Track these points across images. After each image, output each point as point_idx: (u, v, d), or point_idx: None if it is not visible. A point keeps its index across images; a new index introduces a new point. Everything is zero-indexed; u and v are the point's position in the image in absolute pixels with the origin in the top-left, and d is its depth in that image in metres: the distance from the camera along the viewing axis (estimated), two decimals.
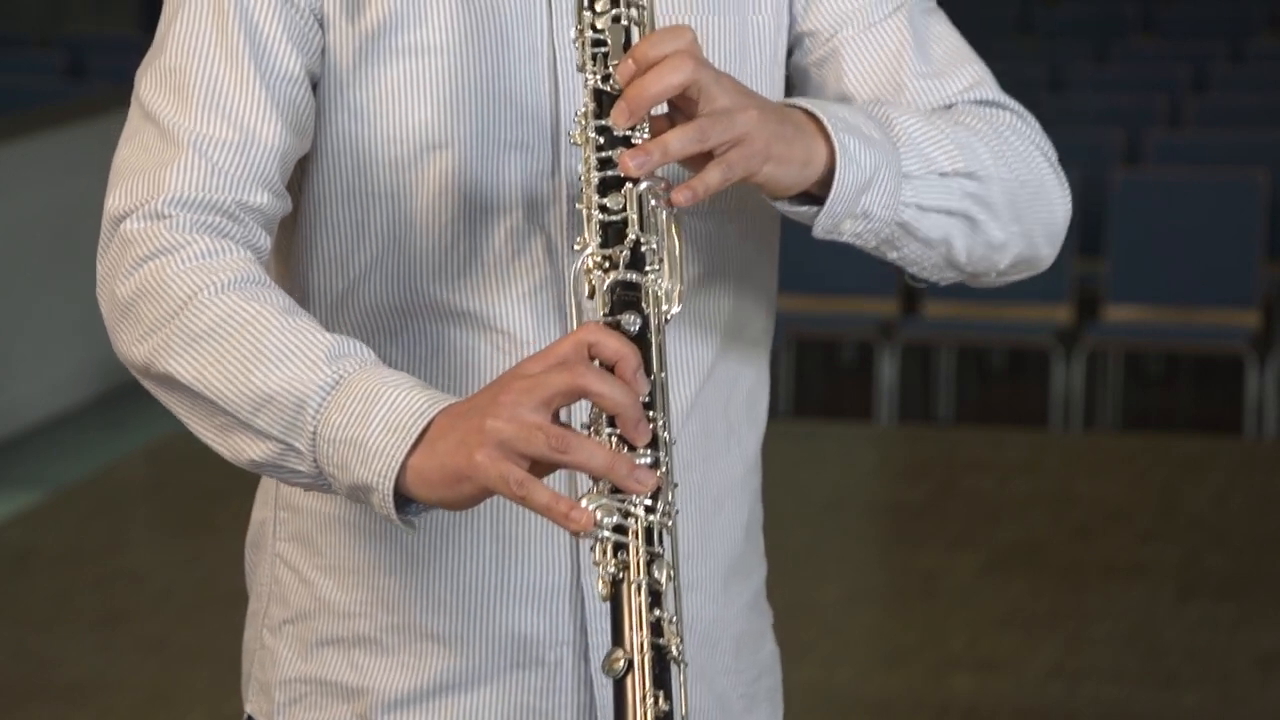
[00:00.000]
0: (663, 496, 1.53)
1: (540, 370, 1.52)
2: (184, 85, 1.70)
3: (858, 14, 1.80)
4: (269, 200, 1.70)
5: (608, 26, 1.60)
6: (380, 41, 1.72)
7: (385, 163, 1.74)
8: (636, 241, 1.57)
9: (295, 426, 1.59)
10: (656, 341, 1.56)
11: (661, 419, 1.55)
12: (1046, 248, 1.83)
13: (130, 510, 6.64)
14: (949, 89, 1.81)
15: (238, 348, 1.61)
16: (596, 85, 1.59)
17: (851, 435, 7.33)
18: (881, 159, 1.68)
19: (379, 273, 1.76)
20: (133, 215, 1.67)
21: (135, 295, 1.65)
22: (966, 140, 1.75)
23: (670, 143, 1.57)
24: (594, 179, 1.58)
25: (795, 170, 1.64)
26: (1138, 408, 7.58)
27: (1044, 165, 1.81)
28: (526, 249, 1.74)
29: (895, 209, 1.70)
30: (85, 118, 7.88)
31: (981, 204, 1.75)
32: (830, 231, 1.70)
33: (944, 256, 1.76)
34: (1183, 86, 8.57)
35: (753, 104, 1.61)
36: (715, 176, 1.58)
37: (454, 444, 1.52)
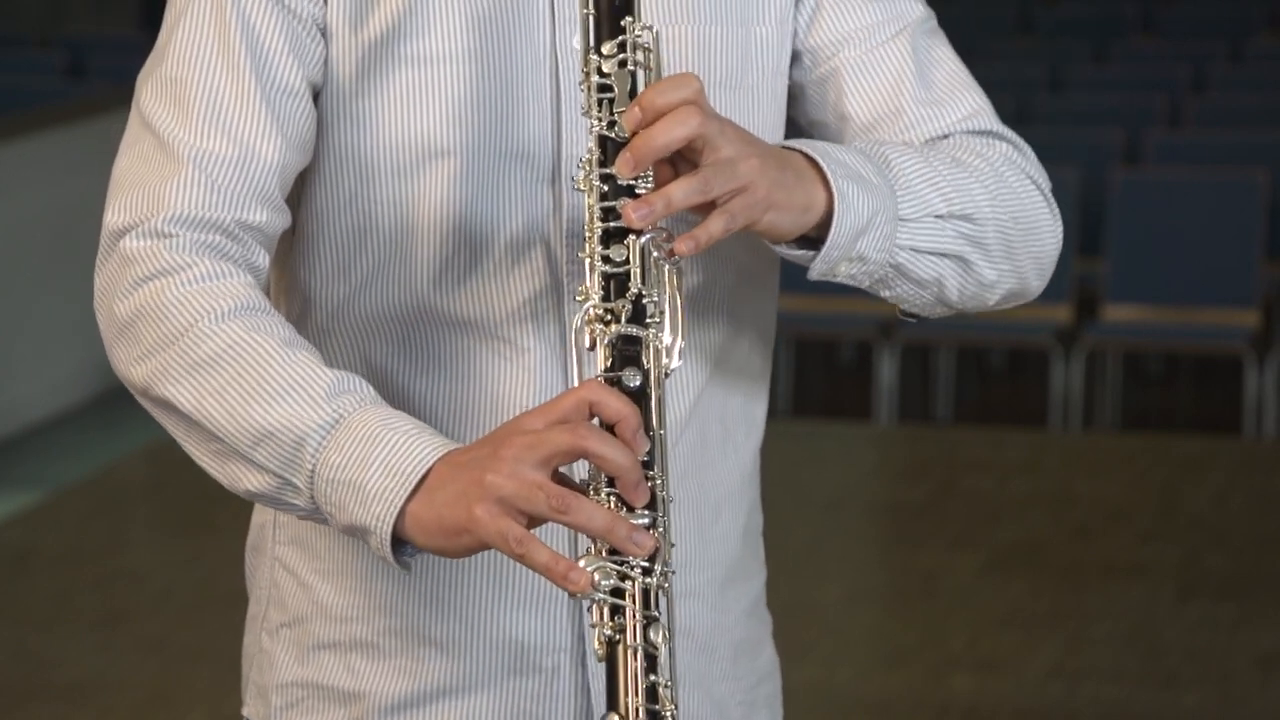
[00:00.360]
0: (660, 558, 1.54)
1: (542, 427, 1.53)
2: (184, 97, 1.69)
3: (860, 34, 1.80)
4: (268, 217, 1.69)
5: (614, 72, 1.59)
6: (383, 51, 1.72)
7: (387, 171, 1.74)
8: (639, 295, 1.57)
9: (294, 463, 1.59)
10: (656, 396, 1.57)
11: (660, 478, 1.56)
12: (1036, 280, 1.85)
13: (130, 510, 6.64)
14: (948, 118, 1.81)
15: (238, 380, 1.61)
16: (601, 132, 1.59)
17: (851, 435, 7.33)
18: (879, 204, 1.69)
19: (379, 280, 1.76)
20: (132, 232, 1.66)
21: (134, 315, 1.65)
22: (963, 182, 1.75)
23: (674, 194, 1.57)
24: (597, 229, 1.58)
25: (795, 216, 1.65)
26: (1137, 408, 7.58)
27: (1038, 199, 1.82)
28: (526, 257, 1.74)
29: (890, 252, 1.71)
30: (85, 118, 7.88)
31: (975, 244, 1.76)
32: (825, 274, 1.71)
33: (935, 295, 1.78)
34: (1182, 86, 8.57)
35: (755, 153, 1.61)
36: (718, 226, 1.59)
37: (453, 495, 1.53)
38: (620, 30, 1.59)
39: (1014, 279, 1.81)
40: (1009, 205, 1.79)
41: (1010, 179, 1.80)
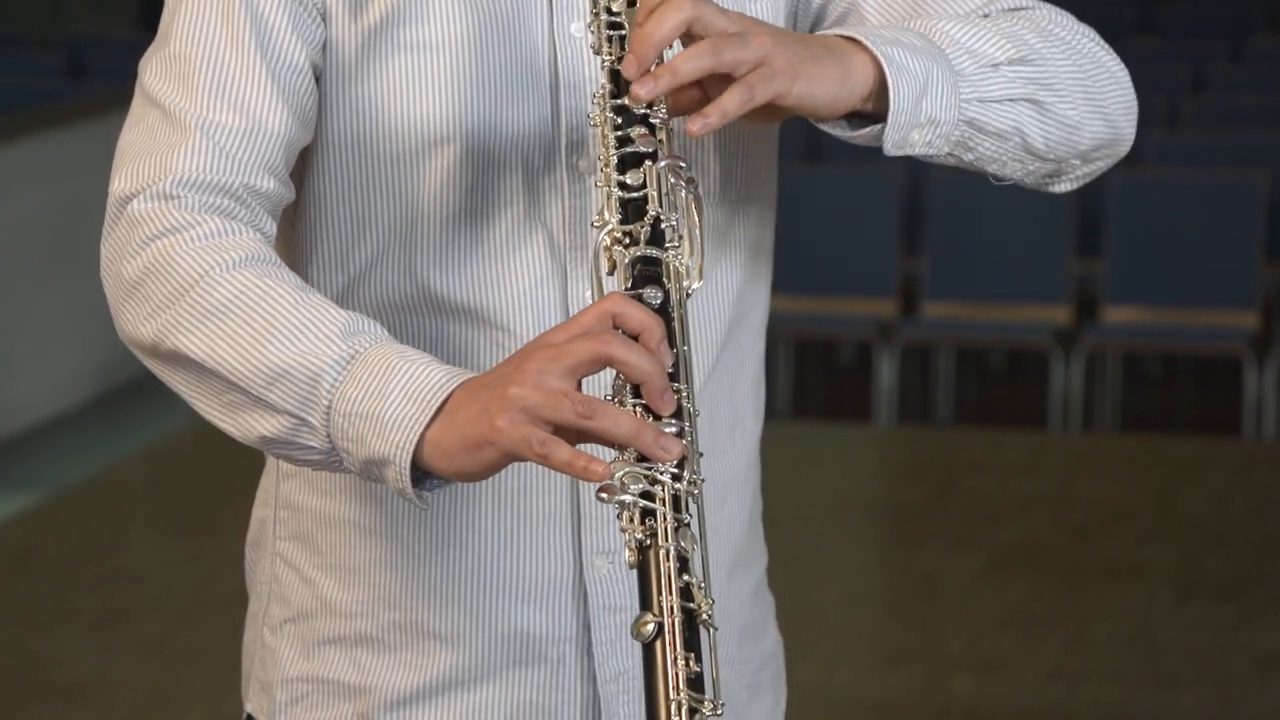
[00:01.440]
0: (689, 465, 1.53)
1: (565, 339, 1.52)
2: (190, 73, 1.70)
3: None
4: (275, 186, 1.70)
5: (623, 10, 1.60)
6: (383, 37, 1.73)
7: (388, 158, 1.74)
8: (656, 218, 1.57)
9: (309, 401, 1.58)
10: (678, 315, 1.56)
11: (685, 390, 1.54)
12: (1126, 125, 1.81)
13: (130, 511, 6.64)
14: (973, 2, 1.78)
15: (251, 323, 1.60)
16: (613, 66, 1.59)
17: (851, 436, 7.33)
18: (931, 63, 1.66)
19: (379, 268, 1.76)
20: (140, 195, 1.66)
21: (143, 273, 1.64)
22: (1011, 29, 1.73)
23: (680, 64, 1.56)
24: (613, 157, 1.57)
25: (833, 87, 1.62)
26: (1137, 409, 7.58)
27: (1095, 47, 1.79)
28: (527, 243, 1.74)
29: (958, 108, 1.68)
30: (85, 118, 7.88)
31: (1044, 86, 1.73)
32: (901, 145, 1.67)
33: (1021, 146, 1.74)
34: (1182, 87, 8.57)
35: (766, 30, 1.60)
36: (734, 99, 1.57)
37: (475, 413, 1.52)
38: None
39: (1100, 120, 1.77)
40: (1066, 52, 1.75)
41: (1060, 33, 1.77)
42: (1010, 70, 1.71)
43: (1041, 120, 1.73)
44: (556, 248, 1.74)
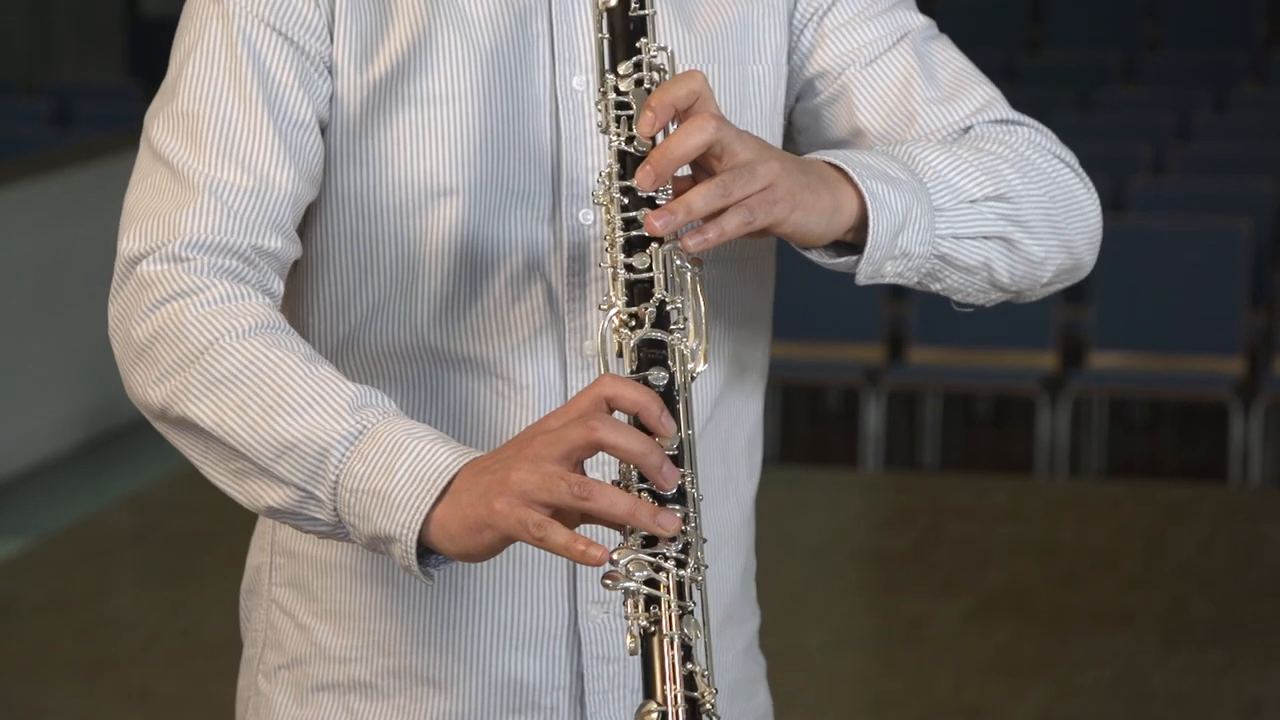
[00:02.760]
0: (693, 551, 1.54)
1: (560, 424, 1.53)
2: (197, 130, 1.70)
3: (862, 50, 1.82)
4: (283, 245, 1.70)
5: (631, 89, 1.61)
6: (389, 90, 1.73)
7: (391, 209, 1.74)
8: (662, 301, 1.58)
9: (317, 475, 1.59)
10: (683, 399, 1.57)
11: (690, 475, 1.56)
12: (1087, 254, 1.84)
13: (114, 558, 6.62)
14: (961, 111, 1.82)
15: (261, 394, 1.61)
16: (621, 147, 1.60)
17: (838, 481, 7.33)
18: (912, 198, 1.69)
19: (380, 318, 1.77)
20: (149, 257, 1.67)
21: (153, 337, 1.65)
22: (990, 164, 1.76)
23: (693, 201, 1.58)
24: (619, 239, 1.59)
25: (823, 218, 1.65)
26: (1123, 454, 7.59)
27: (1068, 175, 1.82)
28: (526, 295, 1.75)
29: (932, 243, 1.72)
30: (71, 166, 7.89)
31: (1016, 223, 1.76)
32: (873, 276, 1.71)
33: (986, 280, 1.77)
34: (1166, 135, 8.60)
35: (774, 156, 1.62)
36: (734, 220, 1.59)
37: (476, 495, 1.53)
38: (636, 51, 1.61)
39: (1063, 253, 1.81)
40: (1041, 184, 1.79)
41: (1037, 160, 1.80)
42: (986, 207, 1.75)
43: (1010, 257, 1.77)
44: (555, 299, 1.75)
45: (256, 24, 1.71)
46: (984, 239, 1.75)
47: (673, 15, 1.78)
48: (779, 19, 1.82)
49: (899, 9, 1.84)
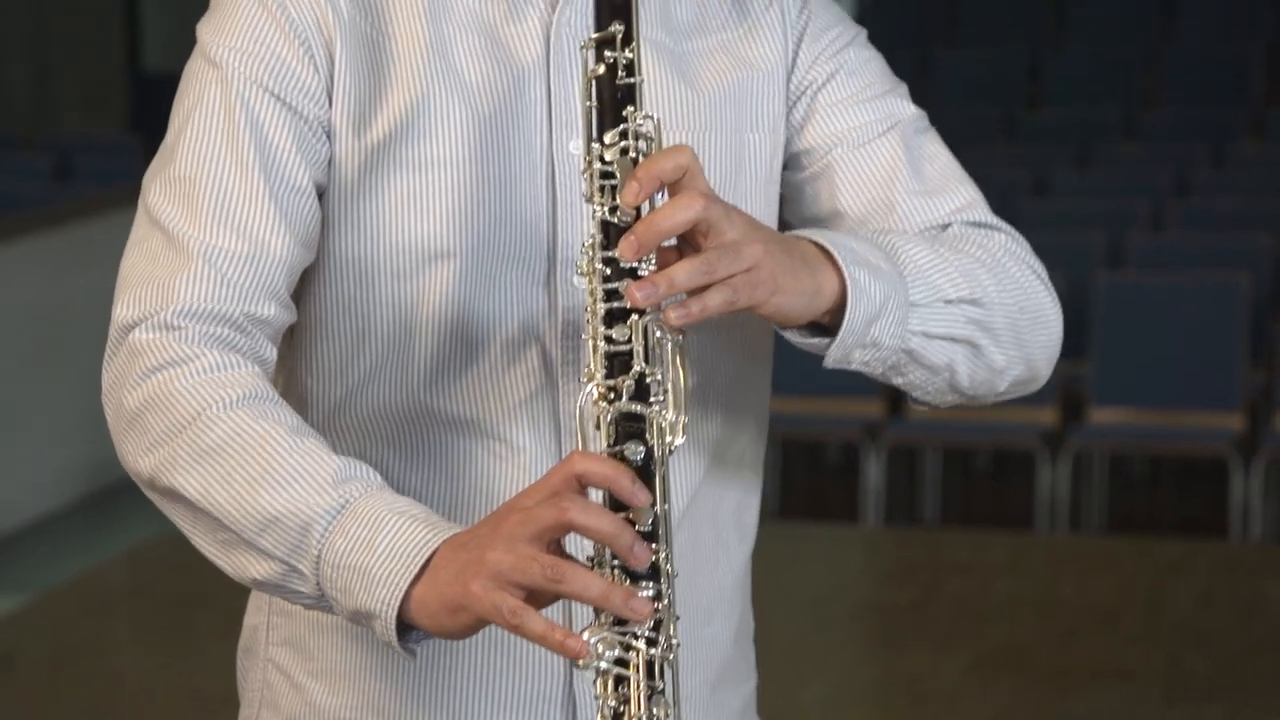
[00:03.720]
0: (664, 630, 1.54)
1: (534, 503, 1.53)
2: (193, 195, 1.70)
3: (852, 132, 1.82)
4: (276, 312, 1.71)
5: (616, 159, 1.60)
6: (386, 154, 1.74)
7: (388, 273, 1.75)
8: (641, 373, 1.58)
9: (300, 549, 1.59)
10: (660, 473, 1.57)
11: (664, 551, 1.55)
12: (1045, 367, 1.86)
13: (113, 613, 6.61)
14: (942, 209, 1.83)
15: (245, 466, 1.61)
16: (604, 217, 1.60)
17: (837, 537, 7.32)
18: (890, 290, 1.70)
19: (377, 381, 1.77)
20: (142, 325, 1.67)
21: (143, 406, 1.65)
22: (969, 267, 1.77)
23: (677, 275, 1.58)
24: (600, 310, 1.59)
25: (804, 301, 1.66)
26: (1123, 510, 7.58)
27: (1039, 288, 1.83)
28: (522, 358, 1.75)
29: (903, 337, 1.72)
30: (71, 221, 7.90)
31: (984, 330, 1.77)
32: (840, 361, 1.72)
33: (947, 382, 1.78)
34: (1165, 191, 8.62)
35: (760, 237, 1.62)
36: (716, 299, 1.59)
37: (454, 574, 1.53)
38: (622, 119, 1.61)
39: (1022, 365, 1.82)
40: (1013, 293, 1.80)
41: (1011, 268, 1.81)
42: (959, 309, 1.76)
43: (973, 362, 1.78)
44: (550, 362, 1.75)
45: (255, 89, 1.72)
46: (952, 340, 1.75)
47: (674, 78, 1.79)
48: (777, 88, 1.82)
49: (892, 96, 1.84)
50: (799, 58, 1.83)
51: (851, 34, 1.86)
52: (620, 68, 1.61)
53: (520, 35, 1.76)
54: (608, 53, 1.61)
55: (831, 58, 1.84)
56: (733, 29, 1.83)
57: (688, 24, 1.82)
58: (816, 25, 1.84)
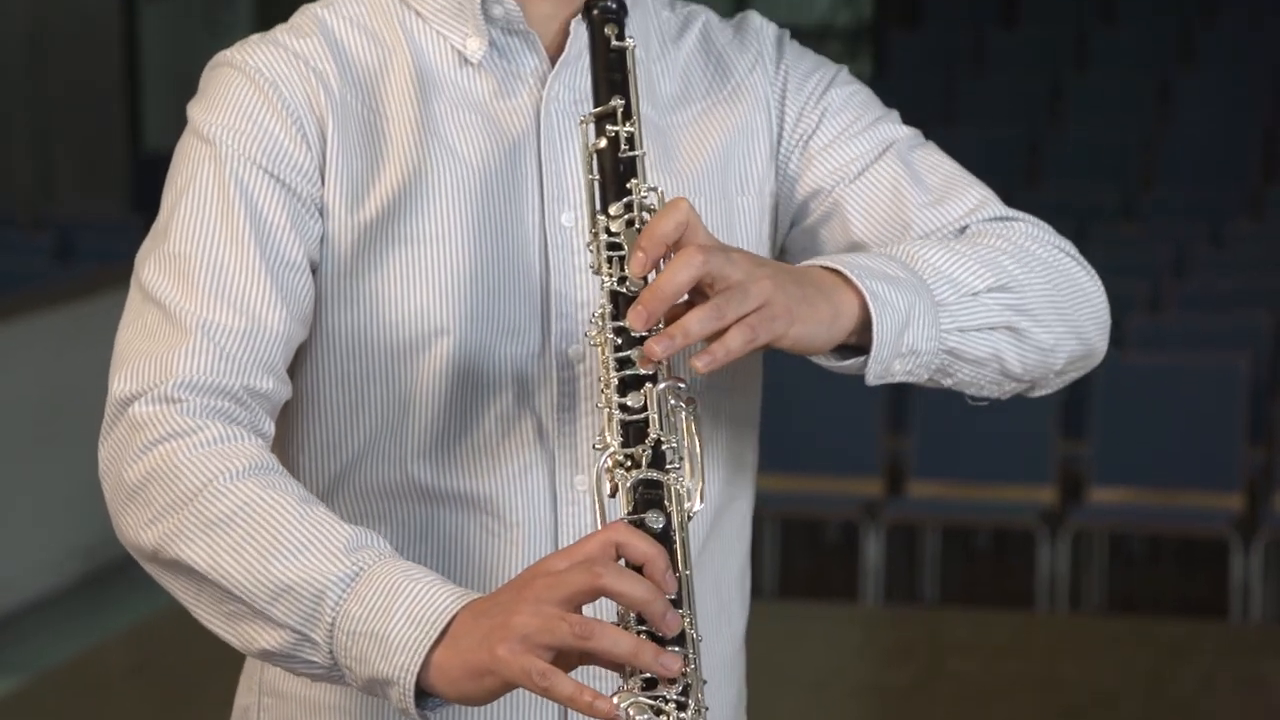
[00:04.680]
0: (694, 694, 1.54)
1: (565, 567, 1.53)
2: (189, 271, 1.71)
3: (849, 165, 1.84)
4: (274, 386, 1.71)
5: (622, 230, 1.62)
6: (380, 231, 1.75)
7: (382, 349, 1.75)
8: (658, 440, 1.59)
9: (313, 617, 1.59)
10: (680, 539, 1.58)
11: (689, 616, 1.56)
12: (1099, 339, 1.85)
13: (113, 693, 6.58)
14: (955, 212, 1.83)
15: (255, 536, 1.61)
16: (613, 288, 1.61)
17: (837, 616, 7.30)
18: (913, 295, 1.70)
19: (371, 456, 1.77)
20: (141, 398, 1.67)
21: (145, 479, 1.65)
22: (989, 257, 1.77)
23: (690, 325, 1.59)
24: (613, 379, 1.59)
25: (824, 328, 1.66)
26: (1123, 590, 7.56)
27: (1069, 263, 1.83)
28: (516, 430, 1.76)
29: (939, 338, 1.72)
30: (73, 300, 7.91)
31: (1021, 313, 1.77)
32: (883, 376, 1.72)
33: (998, 372, 1.77)
34: (1163, 270, 8.64)
35: (767, 273, 1.63)
36: (737, 340, 1.60)
37: (477, 640, 1.53)
38: (626, 192, 1.62)
39: (1074, 340, 1.81)
40: (1043, 273, 1.80)
41: (1037, 250, 1.81)
42: (989, 298, 1.75)
43: (1019, 346, 1.77)
44: (545, 434, 1.76)
45: (249, 166, 1.73)
46: (990, 330, 1.75)
47: (661, 150, 1.80)
48: (762, 148, 1.84)
49: (883, 123, 1.86)
50: (785, 113, 1.85)
51: (831, 74, 1.88)
52: (623, 141, 1.63)
53: (511, 110, 1.78)
54: (609, 127, 1.63)
55: (816, 103, 1.85)
56: (716, 95, 1.85)
57: (672, 96, 1.84)
58: (796, 76, 1.87)
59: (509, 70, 1.80)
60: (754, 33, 1.89)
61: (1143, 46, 11.39)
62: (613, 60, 1.67)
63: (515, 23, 1.80)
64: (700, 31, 1.88)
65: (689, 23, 1.89)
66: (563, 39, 1.80)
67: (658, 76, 1.84)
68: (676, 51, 1.86)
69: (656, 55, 1.85)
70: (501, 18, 1.80)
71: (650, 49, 1.85)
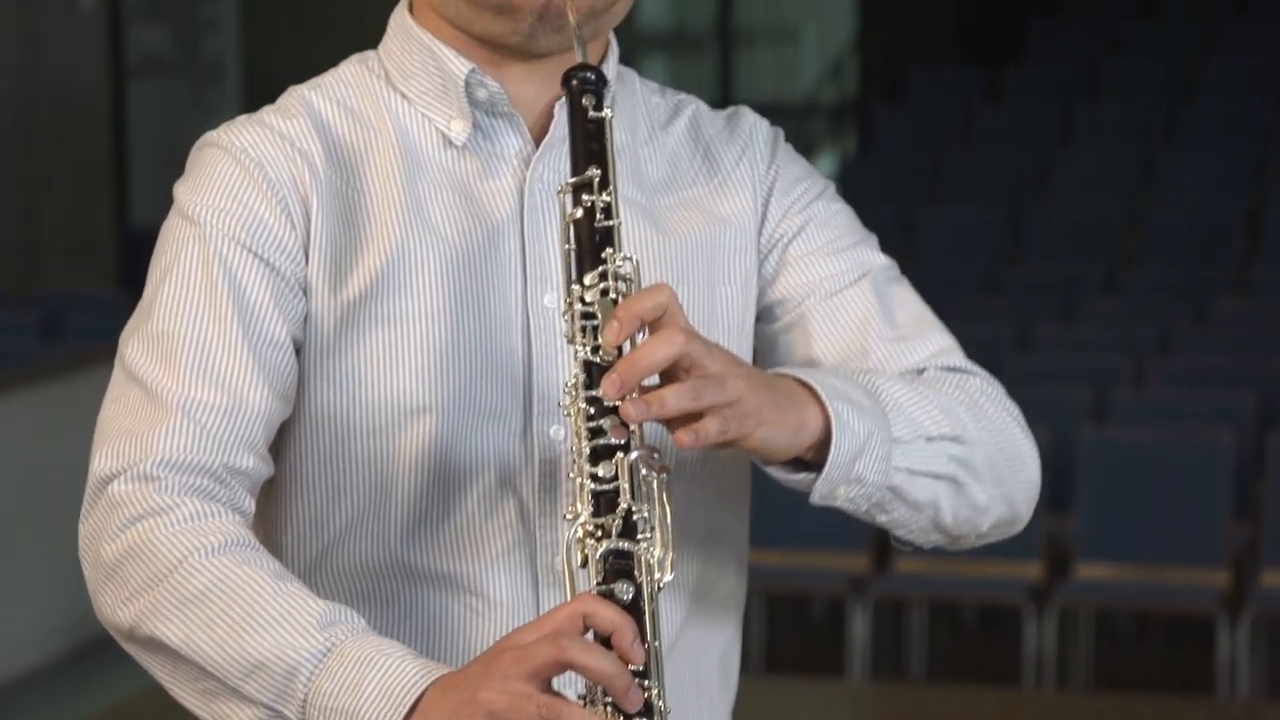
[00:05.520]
0: None
1: (531, 640, 1.53)
2: (172, 350, 1.72)
3: (824, 282, 1.85)
4: (255, 464, 1.71)
5: (596, 299, 1.63)
6: (362, 310, 1.76)
7: (365, 429, 1.76)
8: (628, 510, 1.59)
9: (286, 694, 1.59)
10: (649, 610, 1.58)
11: (656, 688, 1.56)
12: (1025, 509, 1.87)
13: None
14: (917, 354, 1.85)
15: (229, 612, 1.61)
16: (586, 357, 1.62)
17: (824, 692, 7.27)
18: (873, 425, 1.71)
19: (353, 535, 1.77)
20: (121, 477, 1.68)
21: (123, 556, 1.65)
22: (949, 405, 1.79)
23: (667, 397, 1.60)
24: (585, 449, 1.60)
25: (788, 435, 1.67)
26: (1110, 666, 7.55)
27: (1016, 430, 1.85)
28: (499, 511, 1.76)
29: (887, 473, 1.73)
30: (59, 378, 7.91)
31: (966, 467, 1.79)
32: (826, 498, 1.73)
33: (931, 519, 1.79)
34: (1147, 347, 8.66)
35: (742, 372, 1.65)
36: (713, 426, 1.61)
37: (446, 715, 1.53)
38: (601, 261, 1.63)
39: (1004, 504, 1.83)
40: (992, 433, 1.82)
41: (989, 409, 1.83)
42: (940, 446, 1.77)
43: (956, 499, 1.80)
44: (527, 515, 1.76)
45: (233, 245, 1.74)
46: (935, 477, 1.77)
47: (648, 233, 1.81)
48: (748, 242, 1.85)
49: (862, 247, 1.87)
50: (769, 212, 1.87)
51: (820, 187, 1.90)
52: (598, 211, 1.64)
53: (494, 191, 1.79)
54: (585, 196, 1.64)
55: (801, 210, 1.87)
56: (703, 184, 1.86)
57: (659, 181, 1.85)
58: (785, 179, 1.88)
59: (493, 152, 1.81)
60: (746, 128, 1.90)
61: (1127, 124, 11.45)
62: (590, 131, 1.68)
63: (499, 105, 1.81)
64: (690, 120, 1.90)
65: (679, 110, 1.90)
66: (546, 121, 1.81)
67: (645, 160, 1.85)
68: (665, 137, 1.88)
69: (645, 139, 1.87)
70: (486, 100, 1.81)
71: (638, 133, 1.86)
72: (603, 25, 1.80)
